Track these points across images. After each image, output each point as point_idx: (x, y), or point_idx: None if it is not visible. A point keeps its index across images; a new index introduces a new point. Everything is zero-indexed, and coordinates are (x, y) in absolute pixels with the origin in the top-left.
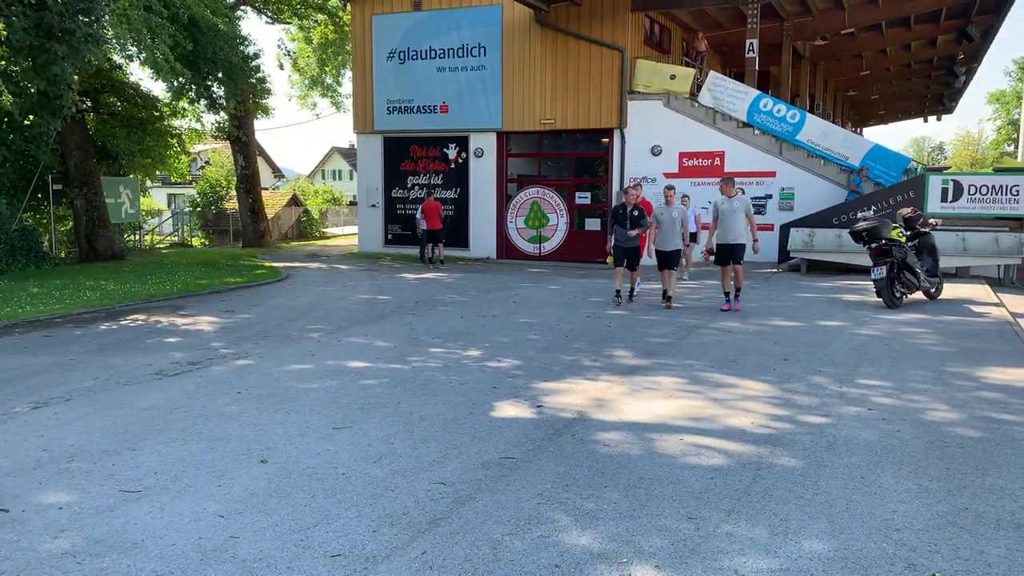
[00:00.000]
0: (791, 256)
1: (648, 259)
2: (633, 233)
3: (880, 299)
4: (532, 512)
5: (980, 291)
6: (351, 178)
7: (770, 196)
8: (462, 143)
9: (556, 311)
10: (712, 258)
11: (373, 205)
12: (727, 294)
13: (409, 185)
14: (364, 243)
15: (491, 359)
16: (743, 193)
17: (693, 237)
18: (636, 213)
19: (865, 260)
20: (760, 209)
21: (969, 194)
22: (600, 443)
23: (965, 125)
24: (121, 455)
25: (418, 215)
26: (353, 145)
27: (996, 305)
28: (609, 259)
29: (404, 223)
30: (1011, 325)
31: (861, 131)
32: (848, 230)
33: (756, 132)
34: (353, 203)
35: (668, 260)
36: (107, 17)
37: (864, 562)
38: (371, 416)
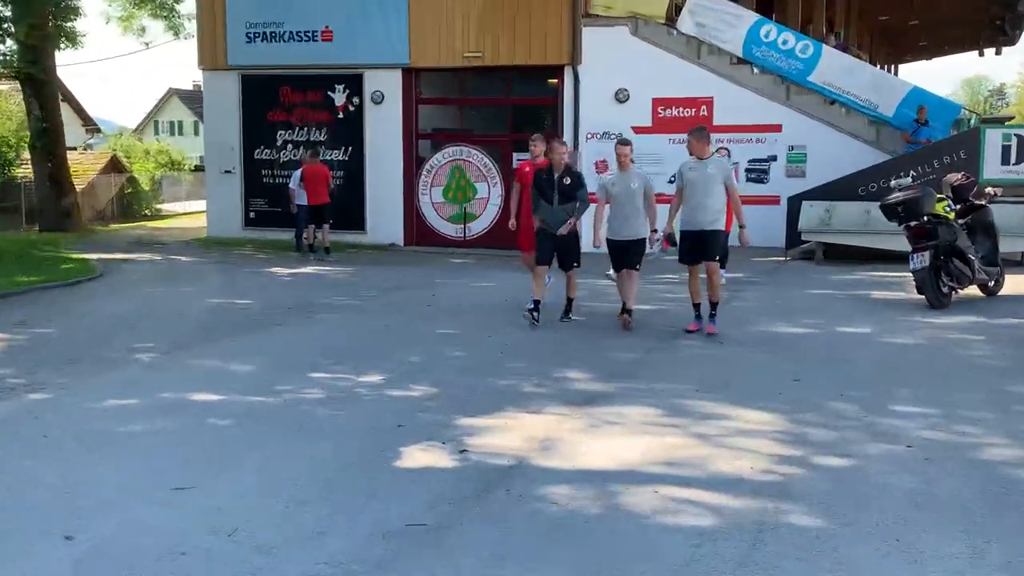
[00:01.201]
0: (803, 239)
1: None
2: (574, 220)
3: (921, 296)
4: None
5: None
6: (196, 133)
7: (774, 158)
8: (354, 84)
9: (487, 318)
10: (669, 248)
11: (228, 171)
12: (697, 307)
13: (280, 143)
14: (215, 225)
15: (395, 386)
16: (725, 154)
17: None
18: (568, 181)
19: (901, 244)
20: (761, 176)
21: None
22: (546, 500)
23: None
24: None
25: (293, 185)
26: (199, 87)
27: None
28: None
29: (273, 197)
30: None
31: (896, 69)
32: (879, 203)
33: (755, 71)
34: (200, 168)
35: (629, 254)
36: None
37: None
38: (224, 470)
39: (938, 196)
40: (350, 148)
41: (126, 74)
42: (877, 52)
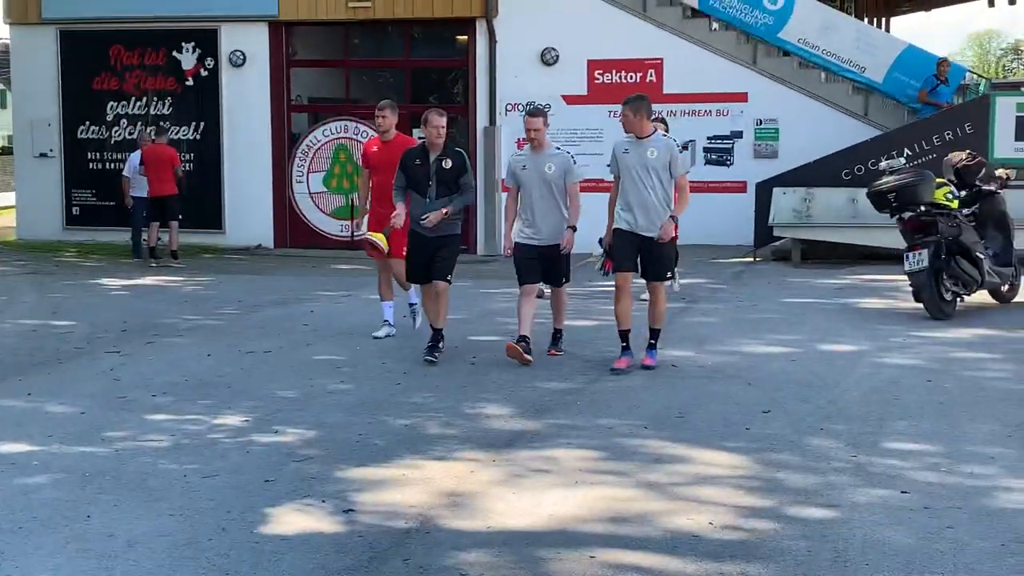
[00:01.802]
0: (775, 235)
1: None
2: (448, 210)
3: (920, 304)
4: None
5: None
6: (2, 105)
7: (739, 135)
8: (207, 42)
9: (381, 340)
10: (601, 256)
11: (44, 154)
12: (625, 335)
13: (111, 118)
14: (27, 223)
15: (263, 429)
16: (665, 132)
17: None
18: (448, 164)
19: (896, 240)
20: (723, 157)
21: None
22: (454, 572)
23: None
24: None
25: (129, 172)
26: (4, 47)
27: None
28: (381, 242)
29: (103, 187)
30: None
31: (887, 24)
32: (866, 190)
33: (715, 26)
34: (6, 151)
35: (546, 264)
36: None
37: None
38: (34, 548)
39: (938, 181)
40: (203, 124)
41: None
42: (863, 3)
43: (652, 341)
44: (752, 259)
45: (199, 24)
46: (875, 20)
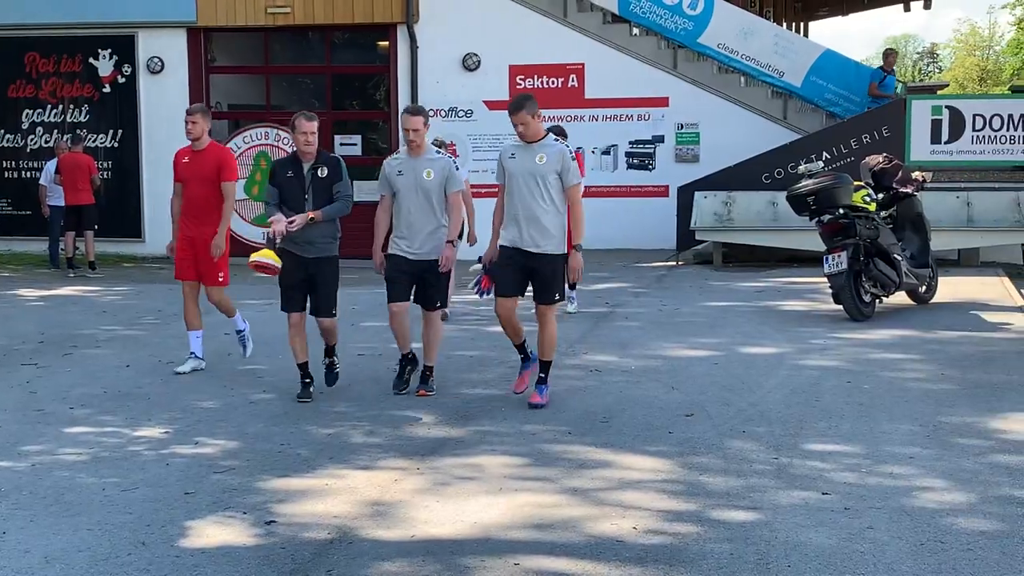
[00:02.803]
0: (697, 238)
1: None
2: (317, 215)
3: (839, 306)
4: None
5: (995, 287)
6: None
7: (660, 139)
8: (124, 49)
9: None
10: (478, 272)
11: None
12: (522, 347)
13: (25, 125)
14: None
15: (182, 441)
16: (559, 139)
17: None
18: (324, 172)
19: (816, 243)
20: (645, 161)
21: (975, 129)
22: None
23: (969, 16)
24: None
25: (45, 180)
26: None
27: (1021, 310)
28: (270, 260)
29: (18, 195)
30: None
31: (805, 28)
32: (786, 193)
33: (635, 31)
34: None
35: (421, 283)
36: None
37: None
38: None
39: (856, 184)
40: (120, 131)
41: None
42: (781, 8)
43: (542, 375)
44: (674, 263)
45: (116, 30)
46: (793, 25)
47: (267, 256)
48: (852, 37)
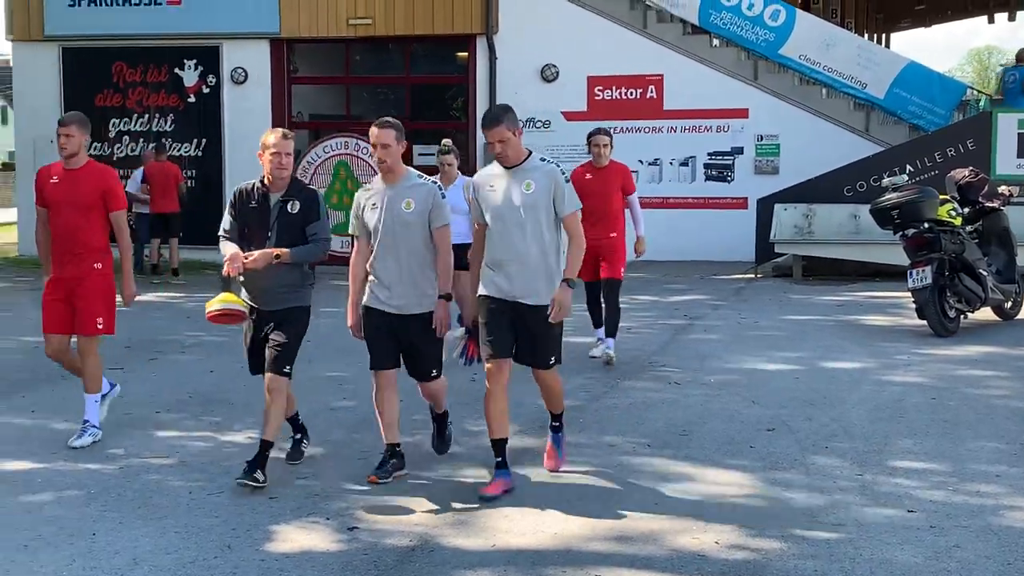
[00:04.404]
0: (777, 251)
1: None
2: (283, 254)
3: (923, 321)
4: None
5: None
6: (4, 121)
7: (739, 151)
8: (209, 60)
9: None
10: (462, 338)
11: None
12: (499, 446)
13: (113, 135)
14: (30, 240)
15: None
16: (547, 160)
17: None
18: (295, 208)
19: (899, 256)
20: (724, 173)
21: None
22: None
23: None
24: None
25: (132, 188)
26: (6, 63)
27: None
28: (235, 304)
29: None
30: None
31: (888, 40)
32: (869, 206)
33: (715, 43)
34: (8, 167)
35: (412, 347)
36: None
37: None
38: (39, 561)
39: (941, 197)
40: (204, 141)
41: None
42: (864, 16)
43: (556, 424)
44: (753, 275)
45: (201, 41)
46: (875, 36)
47: (230, 301)
48: (934, 48)
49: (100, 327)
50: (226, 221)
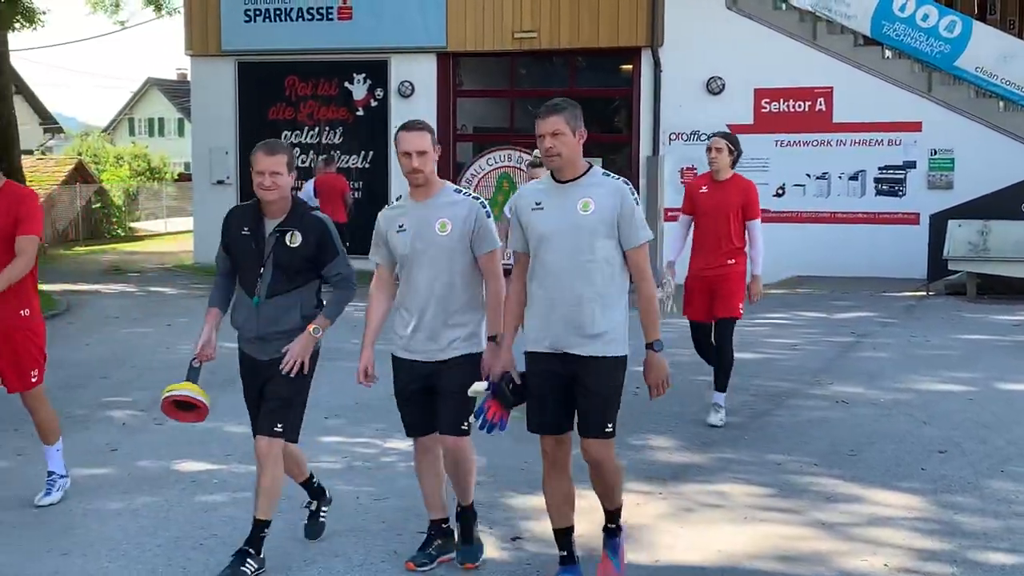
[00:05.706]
0: (950, 268)
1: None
2: (320, 330)
3: None
4: None
5: None
6: (181, 133)
7: (912, 165)
8: (377, 73)
9: None
10: (485, 394)
11: (221, 181)
12: (565, 536)
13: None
14: (205, 248)
15: None
16: (612, 175)
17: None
18: (295, 242)
19: None
20: (895, 187)
21: None
22: None
23: None
24: None
25: (304, 199)
26: (185, 77)
27: None
28: (196, 394)
29: None
30: None
31: None
32: None
33: (888, 54)
34: (185, 177)
35: (437, 398)
36: None
37: None
38: (216, 560)
39: None
40: (372, 153)
41: (95, 61)
42: None
43: (610, 526)
44: (925, 293)
45: (370, 56)
46: None
47: (190, 390)
48: None
49: (35, 380)
50: (220, 259)
